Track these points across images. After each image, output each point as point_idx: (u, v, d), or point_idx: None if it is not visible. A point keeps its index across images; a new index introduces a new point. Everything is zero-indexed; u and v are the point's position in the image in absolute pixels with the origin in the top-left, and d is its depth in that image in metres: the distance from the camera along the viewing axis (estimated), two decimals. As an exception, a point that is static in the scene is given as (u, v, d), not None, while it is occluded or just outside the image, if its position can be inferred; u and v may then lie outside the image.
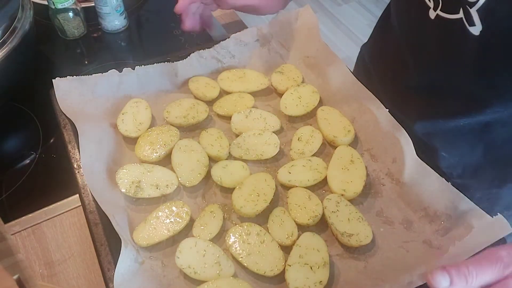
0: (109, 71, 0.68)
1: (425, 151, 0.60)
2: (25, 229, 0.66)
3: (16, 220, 0.67)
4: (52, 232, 0.66)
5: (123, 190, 0.58)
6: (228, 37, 0.76)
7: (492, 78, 0.60)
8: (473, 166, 0.72)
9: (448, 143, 0.71)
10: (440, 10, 0.60)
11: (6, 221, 0.66)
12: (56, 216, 0.68)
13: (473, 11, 0.55)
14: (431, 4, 0.61)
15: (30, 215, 0.67)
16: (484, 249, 0.49)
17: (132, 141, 0.65)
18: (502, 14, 0.53)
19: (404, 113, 0.62)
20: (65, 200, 0.69)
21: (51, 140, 0.80)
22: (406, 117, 0.64)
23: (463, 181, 0.54)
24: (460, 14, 0.57)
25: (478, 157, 0.70)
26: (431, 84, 0.69)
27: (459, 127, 0.68)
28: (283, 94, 0.71)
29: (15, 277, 0.41)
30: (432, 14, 0.61)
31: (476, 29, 0.56)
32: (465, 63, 0.61)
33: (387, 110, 0.63)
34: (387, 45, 0.79)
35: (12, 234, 0.65)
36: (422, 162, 0.58)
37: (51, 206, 0.69)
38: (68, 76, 0.67)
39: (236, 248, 0.54)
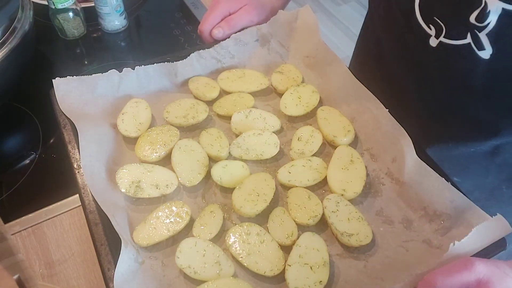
0: (109, 71, 0.68)
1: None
2: (25, 229, 0.66)
3: (16, 220, 0.67)
4: (52, 232, 0.66)
5: (123, 190, 0.58)
6: (228, 37, 0.76)
7: (503, 101, 0.59)
8: (488, 188, 0.70)
9: (459, 169, 0.69)
10: (444, 36, 0.57)
11: (6, 221, 0.66)
12: (56, 216, 0.68)
13: (482, 35, 0.53)
14: (432, 32, 0.59)
15: (30, 215, 0.67)
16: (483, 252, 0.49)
17: (132, 141, 0.65)
18: None
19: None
20: (65, 200, 0.69)
21: (51, 140, 0.80)
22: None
23: (482, 203, 0.53)
24: (468, 39, 0.55)
25: (492, 178, 0.69)
26: (434, 110, 0.67)
27: (469, 152, 0.66)
28: (283, 94, 0.71)
29: (15, 277, 0.41)
30: (433, 42, 0.59)
31: (486, 53, 0.54)
32: (473, 87, 0.59)
33: (387, 110, 0.63)
34: (381, 75, 0.76)
35: (12, 234, 0.65)
36: (422, 161, 0.58)
37: (51, 206, 0.69)
38: (68, 76, 0.66)
39: (236, 248, 0.54)
